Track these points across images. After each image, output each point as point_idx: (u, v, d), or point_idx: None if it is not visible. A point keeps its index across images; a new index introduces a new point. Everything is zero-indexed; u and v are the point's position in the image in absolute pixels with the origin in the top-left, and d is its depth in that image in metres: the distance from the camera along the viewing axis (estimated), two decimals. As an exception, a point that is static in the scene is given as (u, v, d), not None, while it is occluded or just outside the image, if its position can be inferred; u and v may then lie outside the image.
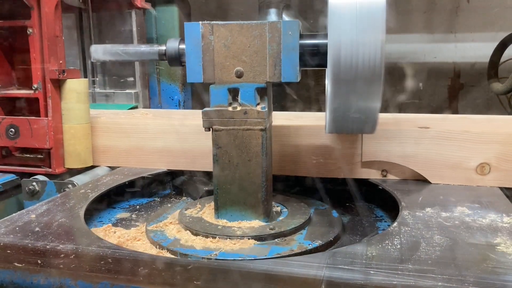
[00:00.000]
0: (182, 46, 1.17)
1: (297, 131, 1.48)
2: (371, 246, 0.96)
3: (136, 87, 2.22)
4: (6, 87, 1.69)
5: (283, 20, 2.43)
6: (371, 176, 1.46)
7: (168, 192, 1.62)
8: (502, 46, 2.85)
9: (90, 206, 1.28)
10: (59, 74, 1.56)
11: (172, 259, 1.00)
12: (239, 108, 1.14)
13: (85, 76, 2.25)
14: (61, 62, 1.60)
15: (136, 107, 2.18)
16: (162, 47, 1.20)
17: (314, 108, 2.82)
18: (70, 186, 1.51)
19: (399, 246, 0.96)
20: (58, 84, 1.59)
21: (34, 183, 1.55)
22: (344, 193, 1.48)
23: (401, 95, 3.41)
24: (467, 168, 1.38)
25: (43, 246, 0.97)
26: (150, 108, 2.49)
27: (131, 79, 2.22)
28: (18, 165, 1.67)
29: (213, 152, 1.18)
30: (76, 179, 1.56)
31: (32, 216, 1.16)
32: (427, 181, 1.41)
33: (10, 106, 1.67)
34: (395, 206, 1.24)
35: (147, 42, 2.47)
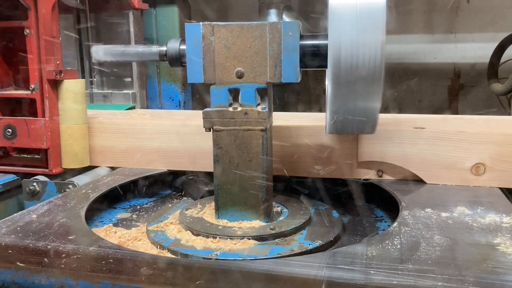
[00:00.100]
0: (183, 47, 1.17)
1: (297, 131, 1.48)
2: (371, 246, 0.96)
3: (134, 88, 2.22)
4: (4, 87, 1.69)
5: (283, 21, 2.44)
6: (366, 176, 1.46)
7: (168, 193, 1.62)
8: (501, 47, 2.86)
9: (91, 206, 1.28)
10: (56, 75, 1.56)
11: (173, 259, 1.01)
12: (239, 108, 1.14)
13: (83, 76, 2.25)
14: (58, 62, 1.60)
15: (133, 108, 2.18)
16: (163, 48, 1.20)
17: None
18: (70, 186, 1.52)
19: (399, 246, 0.96)
20: (55, 84, 1.59)
21: (35, 184, 1.55)
22: (344, 193, 1.48)
23: (401, 96, 3.41)
24: (462, 169, 1.38)
25: (44, 246, 0.98)
26: (151, 108, 2.50)
27: (129, 79, 2.23)
28: (16, 165, 1.67)
29: (213, 153, 1.18)
30: (76, 179, 1.56)
31: (33, 216, 1.16)
32: (423, 181, 1.41)
33: (8, 106, 1.67)
34: (395, 206, 1.24)
35: (147, 43, 2.48)
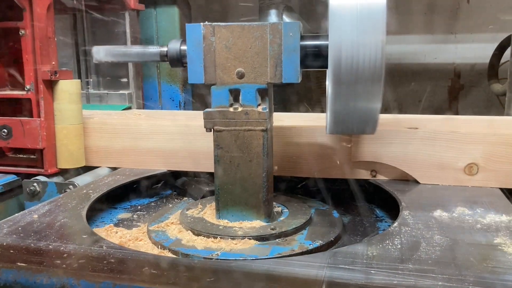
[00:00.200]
0: (184, 47, 1.17)
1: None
2: (371, 246, 0.97)
3: (130, 88, 2.22)
4: (-1, 87, 1.70)
5: (284, 21, 2.44)
6: (360, 176, 1.47)
7: (169, 193, 1.62)
8: (501, 48, 2.86)
9: (92, 207, 1.29)
10: (51, 75, 1.56)
11: (174, 259, 1.01)
12: (240, 109, 1.15)
13: (79, 77, 2.25)
14: (53, 63, 1.60)
15: (129, 108, 2.19)
16: (164, 48, 1.20)
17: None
18: (71, 187, 1.52)
19: (399, 246, 0.96)
20: (51, 85, 1.59)
21: (35, 184, 1.55)
22: (344, 193, 1.49)
23: (401, 96, 3.42)
24: (455, 169, 1.38)
25: (45, 246, 0.98)
26: (151, 109, 2.50)
27: (125, 80, 2.23)
28: (11, 165, 1.68)
29: (214, 153, 1.18)
30: (77, 179, 1.57)
31: (35, 216, 1.16)
32: (416, 181, 1.41)
33: (3, 106, 1.67)
34: (395, 206, 1.25)
35: (148, 43, 2.48)
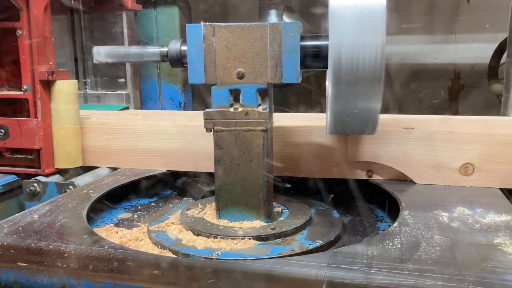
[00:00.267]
0: (184, 48, 1.17)
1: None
2: (371, 246, 0.97)
3: (127, 88, 2.22)
4: (-3, 88, 1.70)
5: (284, 21, 2.44)
6: (356, 176, 1.47)
7: (169, 193, 1.63)
8: (501, 48, 2.87)
9: (92, 207, 1.29)
10: (48, 76, 1.56)
11: (174, 259, 1.01)
12: (240, 109, 1.15)
13: (77, 77, 2.25)
14: (50, 63, 1.60)
15: (127, 108, 2.19)
16: (164, 49, 1.20)
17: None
18: (71, 187, 1.52)
19: (399, 246, 0.97)
20: (48, 85, 1.59)
21: (35, 184, 1.56)
22: (344, 193, 1.49)
23: (401, 96, 3.42)
24: (451, 169, 1.38)
25: (46, 246, 0.98)
26: (152, 109, 2.50)
27: (122, 80, 2.23)
28: (8, 165, 1.68)
29: (214, 153, 1.18)
30: (77, 180, 1.57)
31: (35, 216, 1.16)
32: (412, 181, 1.41)
33: (0, 106, 1.67)
34: (396, 206, 1.25)
35: (148, 43, 2.48)
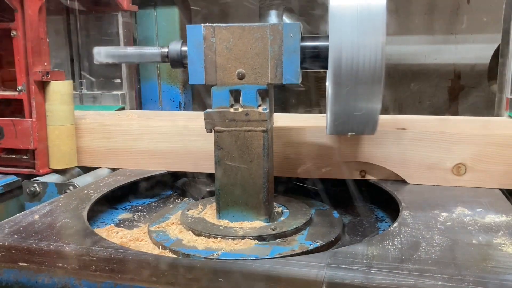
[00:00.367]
0: (184, 48, 1.18)
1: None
2: (371, 246, 0.97)
3: (123, 89, 2.22)
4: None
5: (284, 22, 2.44)
6: (349, 176, 1.47)
7: (170, 193, 1.63)
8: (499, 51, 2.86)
9: (93, 207, 1.29)
10: (43, 76, 1.57)
11: (174, 259, 1.01)
12: (240, 109, 1.15)
13: (72, 77, 2.25)
14: (45, 64, 1.60)
15: (123, 109, 2.19)
16: (165, 49, 1.21)
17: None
18: (71, 187, 1.52)
19: (399, 246, 0.97)
20: (42, 86, 1.60)
21: (35, 185, 1.56)
22: (344, 193, 1.49)
23: (401, 97, 3.42)
24: (443, 169, 1.38)
25: (47, 246, 0.98)
26: (152, 109, 2.50)
27: (118, 80, 2.23)
28: (3, 165, 1.68)
29: (215, 154, 1.18)
30: (77, 180, 1.57)
31: (36, 216, 1.17)
32: (405, 181, 1.42)
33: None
34: (396, 206, 1.25)
35: (148, 43, 2.48)
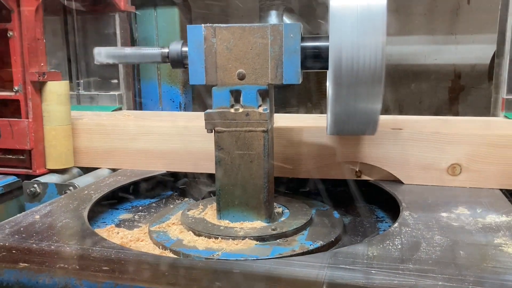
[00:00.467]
0: (185, 49, 1.18)
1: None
2: (372, 246, 0.97)
3: (120, 89, 2.22)
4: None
5: (284, 22, 2.44)
6: (345, 176, 1.47)
7: (170, 194, 1.63)
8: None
9: (93, 207, 1.29)
10: (39, 77, 1.57)
11: (175, 259, 1.01)
12: (241, 110, 1.15)
13: (70, 78, 2.26)
14: (42, 64, 1.60)
15: (120, 109, 2.20)
16: (165, 50, 1.21)
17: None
18: (71, 188, 1.52)
19: (400, 246, 0.97)
20: (39, 86, 1.60)
21: (36, 185, 1.56)
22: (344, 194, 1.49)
23: (401, 97, 3.42)
24: (439, 169, 1.39)
25: (47, 246, 0.98)
26: (152, 110, 2.50)
27: (115, 81, 2.23)
28: (0, 166, 1.68)
29: (215, 154, 1.18)
30: (77, 181, 1.57)
31: (36, 217, 1.17)
32: (400, 181, 1.42)
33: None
34: (396, 207, 1.25)
35: (148, 44, 2.48)
